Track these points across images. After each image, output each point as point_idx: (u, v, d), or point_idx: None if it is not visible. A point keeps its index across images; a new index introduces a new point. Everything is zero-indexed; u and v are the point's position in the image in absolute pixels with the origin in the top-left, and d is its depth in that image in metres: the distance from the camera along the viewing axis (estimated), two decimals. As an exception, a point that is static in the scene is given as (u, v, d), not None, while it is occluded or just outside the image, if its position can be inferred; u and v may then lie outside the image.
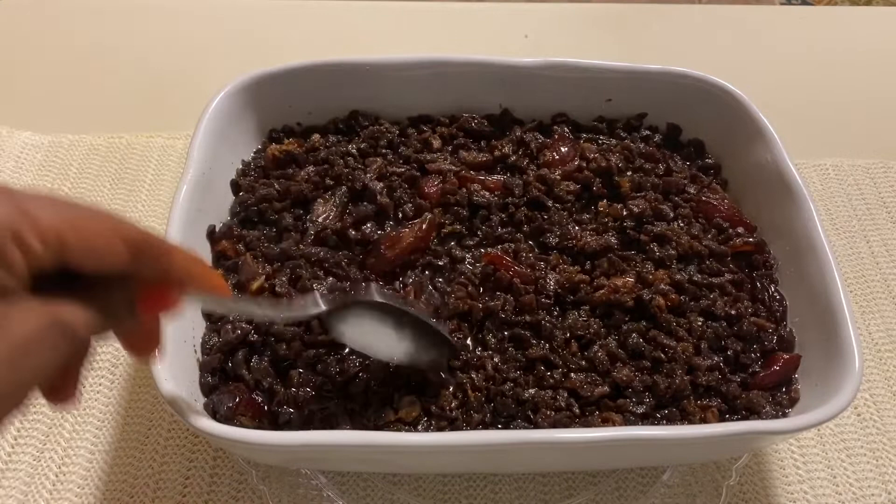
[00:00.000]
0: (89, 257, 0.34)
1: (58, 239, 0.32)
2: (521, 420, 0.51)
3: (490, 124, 0.69)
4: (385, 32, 0.95)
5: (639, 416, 0.51)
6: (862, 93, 0.90)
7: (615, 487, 0.58)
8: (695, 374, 0.53)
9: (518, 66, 0.67)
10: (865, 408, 0.64)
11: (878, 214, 0.77)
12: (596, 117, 0.70)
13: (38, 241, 0.32)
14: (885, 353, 0.67)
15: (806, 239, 0.56)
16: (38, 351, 0.32)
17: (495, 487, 0.58)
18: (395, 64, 0.66)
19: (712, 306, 0.56)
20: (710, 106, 0.66)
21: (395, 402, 0.51)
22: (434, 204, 0.61)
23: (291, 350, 0.52)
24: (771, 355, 0.55)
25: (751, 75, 0.83)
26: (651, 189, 0.63)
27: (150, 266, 0.37)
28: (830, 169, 0.81)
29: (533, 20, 0.98)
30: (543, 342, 0.54)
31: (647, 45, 0.97)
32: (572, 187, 0.63)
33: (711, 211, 0.63)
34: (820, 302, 0.53)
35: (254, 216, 0.61)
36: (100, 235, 0.34)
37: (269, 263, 0.58)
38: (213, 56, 0.90)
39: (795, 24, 1.03)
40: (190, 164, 0.57)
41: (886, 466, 0.60)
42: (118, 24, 0.94)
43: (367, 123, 0.68)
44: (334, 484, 0.57)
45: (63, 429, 0.60)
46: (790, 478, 0.59)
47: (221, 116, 0.61)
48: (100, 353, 0.64)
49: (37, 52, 0.90)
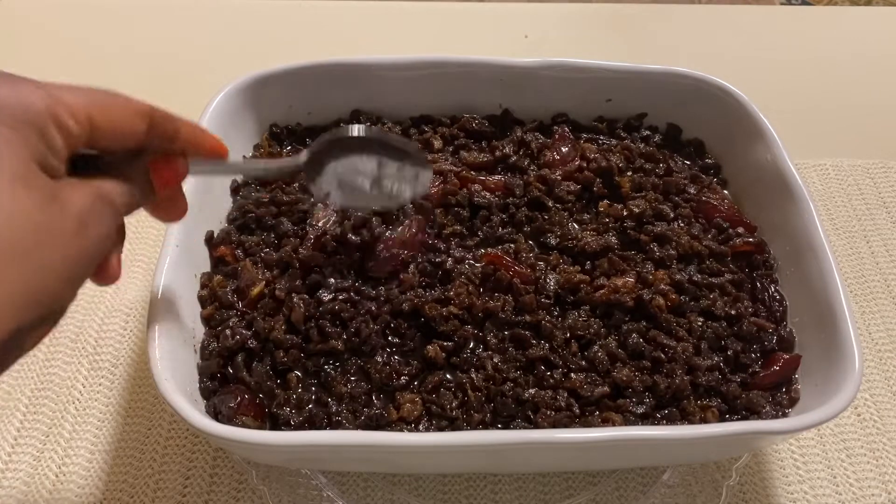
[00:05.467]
0: (114, 134, 0.37)
1: (88, 119, 0.35)
2: (521, 420, 0.51)
3: (491, 124, 0.69)
4: (385, 32, 0.95)
5: (639, 416, 0.51)
6: (862, 93, 0.90)
7: (615, 487, 0.58)
8: (695, 374, 0.53)
9: (518, 66, 0.67)
10: (865, 408, 0.64)
11: (878, 214, 0.77)
12: (596, 117, 0.70)
13: (74, 123, 0.35)
14: (885, 353, 0.67)
15: (806, 239, 0.56)
16: (94, 222, 0.35)
17: (495, 487, 0.58)
18: (394, 64, 0.66)
19: (712, 306, 0.56)
20: (710, 106, 0.66)
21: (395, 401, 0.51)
22: (435, 204, 0.61)
23: (290, 357, 0.52)
24: (771, 355, 0.55)
25: (751, 75, 0.83)
26: (651, 189, 0.63)
27: (163, 137, 0.40)
28: (830, 169, 0.81)
29: (533, 20, 0.98)
30: (543, 342, 0.54)
31: (647, 45, 0.97)
32: (573, 187, 0.63)
33: (711, 211, 0.63)
34: (820, 302, 0.53)
35: (251, 222, 0.61)
36: (121, 113, 0.37)
37: (268, 269, 0.57)
38: (213, 56, 0.90)
39: (795, 24, 1.03)
40: (190, 165, 0.57)
41: (886, 466, 0.60)
42: (118, 24, 0.94)
43: (368, 123, 0.68)
44: (334, 484, 0.57)
45: (63, 429, 0.60)
46: (790, 478, 0.60)
47: (221, 117, 0.61)
48: (100, 354, 0.64)
49: (37, 52, 0.90)
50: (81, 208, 0.34)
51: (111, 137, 0.37)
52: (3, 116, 0.32)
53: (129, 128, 0.37)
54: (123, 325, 0.66)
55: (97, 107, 0.36)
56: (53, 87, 0.35)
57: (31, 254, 0.31)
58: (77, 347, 0.64)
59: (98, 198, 0.36)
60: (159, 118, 0.39)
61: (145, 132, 0.38)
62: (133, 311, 0.67)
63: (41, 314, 0.33)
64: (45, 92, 0.34)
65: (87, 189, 0.35)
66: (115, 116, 0.37)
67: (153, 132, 0.39)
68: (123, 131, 0.37)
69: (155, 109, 0.39)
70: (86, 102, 0.35)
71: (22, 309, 0.31)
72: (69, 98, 0.35)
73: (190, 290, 0.55)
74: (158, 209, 0.44)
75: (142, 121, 0.38)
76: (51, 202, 0.33)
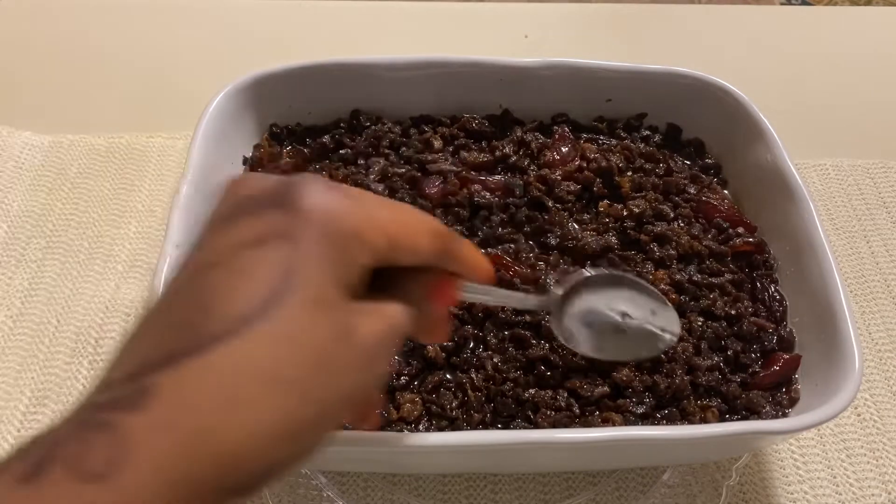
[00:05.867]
0: (409, 252, 0.34)
1: (392, 236, 0.32)
2: (521, 420, 0.51)
3: (491, 124, 0.69)
4: (385, 32, 0.95)
5: (639, 416, 0.51)
6: (862, 93, 0.90)
7: (615, 487, 0.58)
8: (695, 374, 0.53)
9: (518, 67, 0.67)
10: (865, 408, 0.64)
11: (878, 214, 0.77)
12: (596, 117, 0.70)
13: (383, 240, 0.32)
14: (885, 353, 0.67)
15: (806, 239, 0.56)
16: (382, 358, 0.32)
17: (495, 487, 0.58)
18: (395, 64, 0.66)
19: (712, 306, 0.56)
20: (711, 106, 0.66)
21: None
22: (435, 205, 0.61)
23: None
24: (771, 355, 0.55)
25: (751, 75, 0.83)
26: (651, 189, 0.63)
27: (448, 257, 0.36)
28: (830, 169, 0.81)
29: (533, 20, 0.98)
30: (543, 342, 0.54)
31: (647, 45, 0.97)
32: (573, 187, 0.63)
33: (711, 211, 0.63)
34: (820, 302, 0.53)
35: None
36: (418, 229, 0.34)
37: None
38: (213, 56, 0.90)
39: (795, 24, 1.03)
40: (190, 165, 0.57)
41: (886, 466, 0.60)
42: (118, 24, 0.94)
43: (368, 123, 0.68)
44: (334, 484, 0.57)
45: (63, 429, 0.60)
46: (790, 478, 0.59)
47: (221, 117, 0.61)
48: (100, 354, 0.64)
49: (37, 52, 0.90)
50: (373, 342, 0.31)
51: (405, 256, 0.34)
52: (313, 232, 0.29)
53: (424, 246, 0.34)
54: (123, 326, 0.66)
55: (399, 223, 0.33)
56: (365, 200, 0.32)
57: (309, 385, 0.27)
58: (77, 347, 0.64)
59: (390, 329, 0.32)
60: (450, 240, 0.36)
61: (435, 254, 0.35)
62: (133, 311, 0.67)
63: (294, 453, 0.28)
64: (358, 205, 0.31)
65: (379, 318, 0.32)
66: (413, 233, 0.34)
67: (443, 253, 0.36)
68: (417, 250, 0.34)
69: (446, 230, 0.36)
70: (391, 218, 0.33)
71: (278, 445, 0.27)
72: (378, 213, 0.32)
73: (190, 290, 0.55)
74: (424, 332, 0.40)
75: (435, 239, 0.35)
76: (344, 332, 0.29)
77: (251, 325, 0.27)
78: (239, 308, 0.27)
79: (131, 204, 0.74)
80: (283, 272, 0.28)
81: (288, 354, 0.27)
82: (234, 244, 0.29)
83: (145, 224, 0.73)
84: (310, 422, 0.28)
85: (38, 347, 0.64)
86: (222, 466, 0.25)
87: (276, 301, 0.27)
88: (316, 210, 0.30)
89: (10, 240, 0.70)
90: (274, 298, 0.27)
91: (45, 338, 0.64)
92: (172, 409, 0.25)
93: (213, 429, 0.25)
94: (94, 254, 0.70)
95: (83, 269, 0.69)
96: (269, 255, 0.28)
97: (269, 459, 0.27)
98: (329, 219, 0.30)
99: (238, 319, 0.27)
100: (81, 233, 0.71)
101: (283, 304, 0.27)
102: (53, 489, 0.23)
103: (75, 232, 0.71)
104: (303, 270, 0.28)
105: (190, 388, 0.25)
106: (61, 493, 0.23)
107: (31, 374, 0.63)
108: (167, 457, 0.24)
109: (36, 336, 0.64)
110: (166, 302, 0.29)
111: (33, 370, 0.63)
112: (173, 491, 0.24)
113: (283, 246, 0.29)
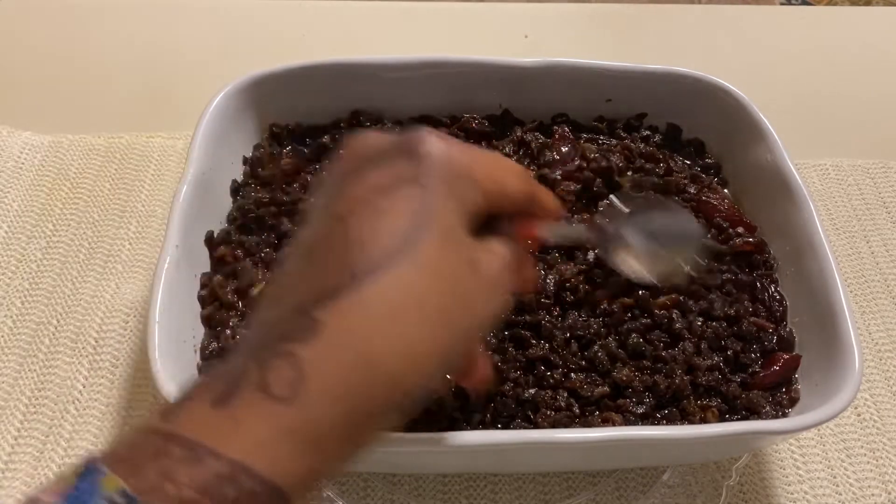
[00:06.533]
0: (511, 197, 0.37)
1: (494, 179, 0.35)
2: (521, 420, 0.51)
3: (491, 124, 0.69)
4: (385, 32, 0.95)
5: (639, 416, 0.51)
6: (862, 93, 0.90)
7: (615, 487, 0.58)
8: (695, 374, 0.53)
9: (518, 66, 0.67)
10: (865, 408, 0.64)
11: (878, 214, 0.77)
12: (596, 117, 0.70)
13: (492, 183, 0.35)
14: (885, 353, 0.67)
15: (806, 239, 0.56)
16: (502, 288, 0.35)
17: (495, 487, 0.58)
18: (394, 64, 0.66)
19: (712, 306, 0.56)
20: (710, 106, 0.66)
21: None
22: (434, 204, 0.61)
23: None
24: (771, 355, 0.55)
25: (751, 75, 0.83)
26: (651, 189, 0.63)
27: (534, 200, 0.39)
28: (830, 169, 0.81)
29: (533, 20, 0.98)
30: (543, 342, 0.54)
31: (647, 45, 0.97)
32: (573, 187, 0.63)
33: (711, 211, 0.63)
34: (820, 302, 0.53)
35: (251, 223, 0.61)
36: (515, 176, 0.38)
37: (268, 269, 0.57)
38: (213, 56, 0.90)
39: (795, 24, 1.03)
40: (190, 166, 0.57)
41: (886, 466, 0.60)
42: (118, 24, 0.94)
43: (368, 123, 0.68)
44: (334, 484, 0.57)
45: (63, 429, 0.60)
46: (790, 478, 0.60)
47: (221, 117, 0.61)
48: (100, 354, 0.64)
49: (37, 52, 0.90)
50: (495, 272, 0.34)
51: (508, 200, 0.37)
52: (437, 175, 0.32)
53: (517, 186, 0.37)
54: (123, 325, 0.66)
55: (496, 167, 0.36)
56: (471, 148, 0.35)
57: (450, 310, 0.31)
58: (77, 347, 0.64)
59: (504, 262, 0.35)
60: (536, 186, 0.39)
61: (524, 192, 0.38)
62: (133, 311, 0.67)
63: (437, 376, 0.32)
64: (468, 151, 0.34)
65: (495, 252, 0.35)
66: (508, 174, 0.37)
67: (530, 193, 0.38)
68: (512, 190, 0.37)
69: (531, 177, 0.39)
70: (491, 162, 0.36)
71: (429, 367, 0.30)
72: (482, 158, 0.35)
73: (190, 291, 0.55)
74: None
75: (525, 181, 0.38)
76: (472, 263, 0.32)
77: (397, 258, 0.29)
78: (384, 244, 0.30)
79: (131, 204, 0.74)
80: (416, 211, 0.31)
81: (431, 283, 0.30)
82: (367, 191, 0.32)
83: (145, 224, 0.73)
84: (450, 346, 0.31)
85: (38, 347, 0.64)
86: (386, 386, 0.29)
87: (415, 236, 0.30)
88: (436, 155, 0.33)
89: (10, 240, 0.70)
90: (413, 234, 0.30)
91: (45, 338, 0.64)
92: (340, 338, 0.28)
93: (376, 353, 0.28)
94: (94, 254, 0.70)
95: (83, 269, 0.69)
96: (403, 198, 0.31)
97: (422, 380, 0.30)
98: (449, 163, 0.33)
99: (384, 255, 0.29)
100: (81, 233, 0.71)
101: (421, 238, 0.30)
102: (248, 409, 0.26)
103: (75, 232, 0.71)
104: (433, 208, 0.31)
105: (351, 318, 0.28)
106: (255, 412, 0.26)
107: (31, 374, 0.63)
108: (340, 380, 0.28)
109: (36, 336, 0.64)
110: (309, 249, 0.32)
111: (33, 370, 0.63)
112: (347, 409, 0.28)
113: (413, 188, 0.31)
